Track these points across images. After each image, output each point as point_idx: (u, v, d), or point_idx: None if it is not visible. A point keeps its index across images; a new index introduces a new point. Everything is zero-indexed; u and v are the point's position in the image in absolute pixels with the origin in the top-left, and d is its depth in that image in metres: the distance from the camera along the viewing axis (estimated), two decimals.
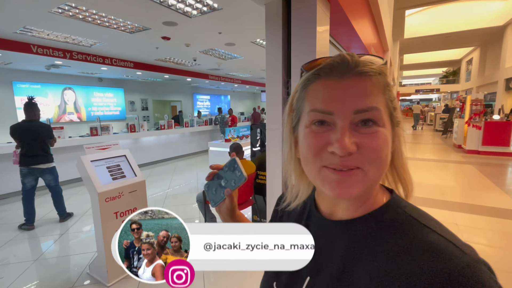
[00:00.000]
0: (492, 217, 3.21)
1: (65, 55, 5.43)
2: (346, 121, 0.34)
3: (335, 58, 0.37)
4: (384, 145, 0.35)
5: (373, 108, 0.35)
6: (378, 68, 0.36)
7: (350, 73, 0.35)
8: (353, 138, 0.34)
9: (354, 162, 0.34)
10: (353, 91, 0.35)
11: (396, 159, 0.40)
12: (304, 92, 0.39)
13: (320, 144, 0.36)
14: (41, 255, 2.62)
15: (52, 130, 3.35)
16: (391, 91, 0.38)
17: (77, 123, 8.70)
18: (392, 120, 0.38)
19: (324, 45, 2.44)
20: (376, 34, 5.62)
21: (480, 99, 7.13)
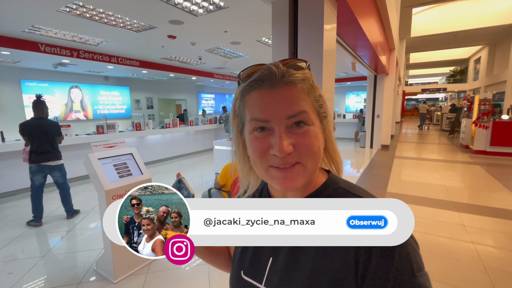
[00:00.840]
0: (500, 219, 3.16)
1: (72, 53, 5.49)
2: (281, 126, 0.40)
3: (264, 71, 0.42)
4: (315, 140, 0.42)
5: (302, 111, 0.41)
6: (301, 75, 0.42)
7: (278, 83, 0.41)
8: (289, 140, 0.40)
9: (294, 158, 0.41)
10: (284, 100, 0.41)
11: (328, 145, 0.47)
12: (243, 102, 0.45)
13: (263, 148, 0.42)
14: (48, 251, 2.66)
15: (60, 127, 3.39)
16: (315, 92, 0.44)
17: (84, 121, 8.80)
18: (320, 115, 0.45)
19: (331, 43, 2.42)
20: (382, 33, 5.56)
21: (488, 98, 7.02)
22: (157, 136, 6.95)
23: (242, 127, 0.47)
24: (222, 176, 2.73)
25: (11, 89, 7.05)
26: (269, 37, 5.13)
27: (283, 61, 0.43)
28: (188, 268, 2.31)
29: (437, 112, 16.67)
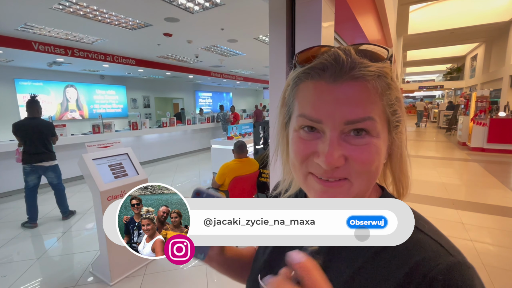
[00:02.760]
0: (498, 216, 3.17)
1: (66, 52, 5.41)
2: (335, 132, 0.33)
3: (329, 56, 0.33)
4: (376, 157, 0.34)
5: (367, 118, 0.33)
6: (377, 70, 0.33)
7: (344, 77, 0.33)
8: (341, 151, 0.33)
9: (341, 173, 0.34)
10: (345, 99, 0.32)
11: (394, 163, 0.39)
12: (294, 91, 0.38)
13: (306, 152, 0.35)
14: (44, 253, 2.62)
15: (54, 128, 3.33)
16: (391, 94, 0.35)
17: (79, 121, 8.71)
18: (390, 124, 0.36)
19: (329, 41, 2.39)
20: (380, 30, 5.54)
21: (486, 96, 7.04)
22: (154, 135, 6.90)
23: (289, 120, 0.40)
24: (220, 176, 2.70)
25: (5, 89, 6.95)
26: (266, 35, 5.09)
27: (357, 46, 0.34)
28: (186, 269, 2.29)
29: (434, 110, 16.73)
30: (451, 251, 0.32)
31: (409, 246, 0.33)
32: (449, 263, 0.31)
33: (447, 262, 0.31)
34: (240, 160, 2.78)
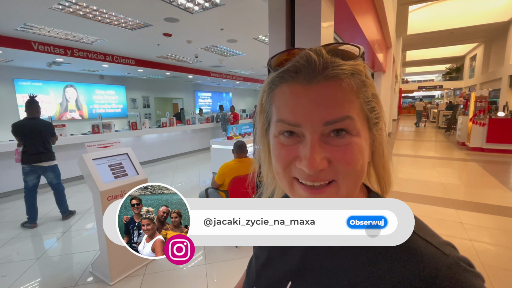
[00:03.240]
0: (497, 216, 3.17)
1: (66, 52, 5.41)
2: (315, 134, 0.32)
3: (300, 58, 0.33)
4: (359, 156, 0.33)
5: (345, 117, 0.32)
6: (350, 68, 0.32)
7: (318, 78, 0.32)
8: (323, 153, 0.32)
9: (326, 176, 0.33)
10: (322, 100, 0.32)
11: (376, 159, 0.38)
12: (270, 96, 0.37)
13: (288, 158, 0.34)
14: (44, 253, 2.62)
15: (54, 128, 3.33)
16: (367, 91, 0.34)
17: (79, 121, 8.70)
18: (370, 122, 0.35)
19: (329, 40, 2.39)
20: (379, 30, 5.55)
21: (485, 96, 7.06)
22: (154, 135, 6.90)
23: (268, 126, 0.39)
24: (220, 176, 2.71)
25: (5, 89, 6.94)
26: (266, 35, 5.10)
27: (328, 46, 0.33)
28: (185, 269, 2.29)
29: (434, 110, 16.76)
30: (445, 250, 0.32)
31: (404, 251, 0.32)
32: (448, 264, 0.30)
33: (446, 264, 0.30)
34: (240, 160, 2.79)
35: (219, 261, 2.38)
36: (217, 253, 2.50)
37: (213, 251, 2.55)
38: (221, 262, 2.36)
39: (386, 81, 8.33)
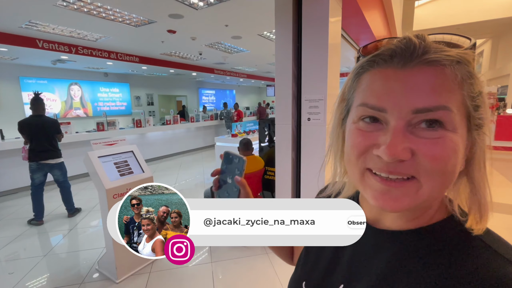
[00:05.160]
0: (506, 214, 3.12)
1: (70, 49, 5.41)
2: (401, 121, 0.28)
3: (399, 42, 0.29)
4: (452, 154, 0.28)
5: (441, 107, 0.27)
6: (456, 55, 0.28)
7: (415, 61, 0.28)
8: (407, 143, 0.28)
9: (406, 169, 0.28)
10: (415, 84, 0.28)
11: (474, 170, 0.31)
12: (356, 82, 0.33)
13: (365, 144, 0.30)
14: (50, 250, 2.63)
15: (60, 125, 3.34)
16: (474, 85, 0.29)
17: (84, 118, 8.74)
18: (471, 121, 0.30)
19: (336, 36, 2.35)
20: (386, 26, 5.46)
21: (493, 92, 6.95)
22: (158, 132, 6.91)
23: (346, 115, 0.36)
24: None
25: (10, 87, 6.98)
26: (270, 31, 5.04)
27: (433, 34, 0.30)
28: (191, 267, 2.28)
29: None
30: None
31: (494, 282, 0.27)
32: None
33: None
34: (246, 158, 2.76)
35: (225, 259, 2.37)
36: (222, 251, 2.49)
37: (218, 249, 2.54)
38: (227, 261, 2.35)
39: None
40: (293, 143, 2.46)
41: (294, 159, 2.50)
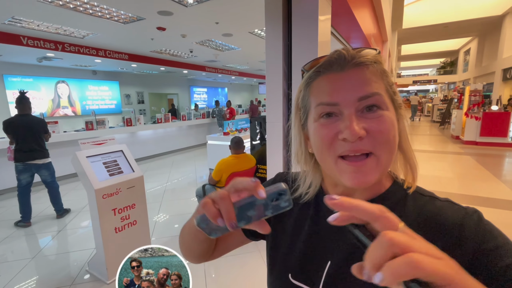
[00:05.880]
0: (490, 208, 3.23)
1: (56, 47, 5.28)
2: (351, 109, 0.37)
3: (332, 55, 0.39)
4: (391, 127, 0.37)
5: (375, 93, 0.37)
6: (373, 57, 0.39)
7: (348, 65, 0.38)
8: (361, 124, 0.36)
9: (366, 146, 0.36)
10: (354, 81, 0.37)
11: (402, 140, 0.42)
12: (308, 90, 0.42)
13: (331, 134, 0.38)
14: (39, 252, 2.58)
15: (47, 125, 3.26)
16: (389, 77, 0.41)
17: (72, 117, 8.56)
18: (394, 103, 0.40)
19: (326, 34, 2.36)
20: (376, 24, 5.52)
21: (479, 89, 7.12)
22: (149, 131, 6.83)
23: (305, 120, 0.43)
24: (217, 172, 2.69)
25: None
26: (262, 29, 5.03)
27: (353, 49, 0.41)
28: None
29: (428, 104, 16.88)
30: (462, 205, 0.41)
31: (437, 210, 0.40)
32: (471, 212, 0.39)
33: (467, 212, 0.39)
34: (237, 156, 2.77)
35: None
36: None
37: None
38: (219, 259, 2.35)
39: None
40: (284, 140, 2.48)
41: (285, 157, 2.51)
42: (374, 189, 0.43)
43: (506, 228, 1.69)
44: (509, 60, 10.35)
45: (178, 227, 2.96)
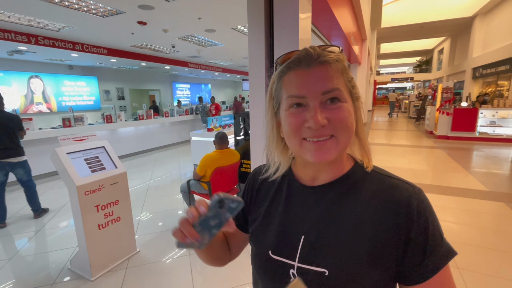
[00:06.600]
0: (459, 197, 3.47)
1: (29, 39, 5.02)
2: (316, 101, 0.43)
3: (301, 52, 0.45)
4: (348, 116, 0.44)
5: (336, 88, 0.43)
6: (335, 56, 0.45)
7: (314, 63, 0.44)
8: (324, 114, 0.42)
9: (327, 131, 0.43)
10: (319, 77, 0.43)
11: (358, 128, 0.48)
12: (280, 82, 0.48)
13: (298, 122, 0.44)
14: (16, 253, 2.49)
15: (22, 121, 3.12)
16: (348, 73, 0.47)
17: (47, 114, 8.18)
18: (352, 96, 0.47)
19: (306, 32, 2.44)
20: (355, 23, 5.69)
21: (450, 87, 7.53)
22: (130, 128, 6.67)
23: (278, 108, 0.50)
24: (201, 167, 2.71)
25: None
26: (245, 25, 5.05)
27: (319, 46, 0.46)
28: (169, 261, 2.30)
29: (405, 101, 17.60)
30: (410, 183, 0.47)
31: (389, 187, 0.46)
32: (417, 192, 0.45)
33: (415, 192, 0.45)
34: (222, 151, 2.80)
35: None
36: None
37: None
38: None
39: (361, 73, 8.61)
40: None
41: None
42: (338, 170, 0.50)
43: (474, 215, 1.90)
44: (478, 59, 11.01)
45: (162, 225, 2.94)
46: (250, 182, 0.63)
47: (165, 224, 2.96)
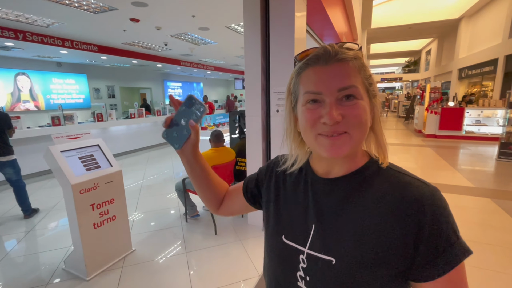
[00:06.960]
0: (447, 193, 3.59)
1: (17, 35, 4.88)
2: (332, 98, 0.44)
3: (319, 50, 0.46)
4: (363, 113, 0.45)
5: (352, 86, 0.44)
6: (353, 54, 0.45)
7: (332, 60, 0.45)
8: (339, 110, 0.43)
9: (342, 128, 0.44)
10: (336, 74, 0.44)
11: (375, 125, 0.50)
12: (298, 78, 0.49)
13: (314, 117, 0.45)
14: (6, 255, 2.44)
15: (10, 119, 3.05)
16: (366, 71, 0.47)
17: (35, 112, 7.96)
18: (369, 93, 0.48)
19: (302, 31, 2.47)
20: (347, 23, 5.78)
21: (438, 87, 7.75)
22: (122, 127, 6.57)
23: (295, 103, 0.51)
24: None
25: None
26: (238, 24, 5.05)
27: (337, 43, 0.47)
28: (165, 259, 2.29)
29: (395, 100, 17.96)
30: (425, 182, 0.47)
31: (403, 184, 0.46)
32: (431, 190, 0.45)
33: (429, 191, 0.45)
34: (217, 149, 2.80)
35: (199, 249, 2.42)
36: (196, 241, 2.53)
37: (192, 239, 2.57)
38: (201, 250, 2.40)
39: None
40: (263, 134, 2.57)
41: (264, 149, 2.60)
42: (352, 164, 0.51)
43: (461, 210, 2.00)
44: (464, 60, 11.34)
45: (155, 224, 2.93)
46: (271, 165, 0.67)
47: (159, 223, 2.95)
